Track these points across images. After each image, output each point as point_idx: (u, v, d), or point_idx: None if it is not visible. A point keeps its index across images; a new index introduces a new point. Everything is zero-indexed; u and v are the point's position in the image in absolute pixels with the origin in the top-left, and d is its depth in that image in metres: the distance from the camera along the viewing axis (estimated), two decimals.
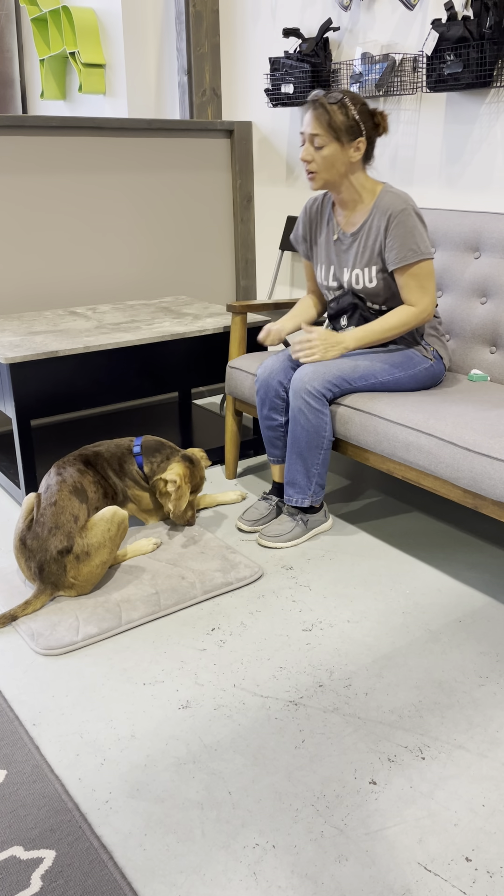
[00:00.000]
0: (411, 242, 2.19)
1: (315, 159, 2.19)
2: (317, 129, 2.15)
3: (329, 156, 2.18)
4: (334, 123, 2.14)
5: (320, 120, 2.14)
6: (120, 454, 2.35)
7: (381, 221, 2.22)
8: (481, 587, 2.13)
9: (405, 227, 2.19)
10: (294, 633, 1.93)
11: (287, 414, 2.38)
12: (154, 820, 1.39)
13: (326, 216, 2.39)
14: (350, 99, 2.15)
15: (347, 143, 2.17)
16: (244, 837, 1.35)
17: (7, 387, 2.49)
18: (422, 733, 1.59)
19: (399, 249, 2.20)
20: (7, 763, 1.51)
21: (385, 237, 2.22)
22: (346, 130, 2.15)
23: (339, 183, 2.24)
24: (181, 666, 1.81)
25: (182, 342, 2.79)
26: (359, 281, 2.31)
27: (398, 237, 2.19)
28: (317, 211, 2.42)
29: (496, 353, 2.48)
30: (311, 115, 2.16)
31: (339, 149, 2.17)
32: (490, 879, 1.26)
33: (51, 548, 1.99)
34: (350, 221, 2.31)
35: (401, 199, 2.21)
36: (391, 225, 2.20)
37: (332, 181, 2.23)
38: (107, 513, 2.07)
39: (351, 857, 1.31)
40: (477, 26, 2.46)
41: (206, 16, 3.61)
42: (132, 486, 2.36)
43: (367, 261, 2.28)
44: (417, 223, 2.21)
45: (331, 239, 2.37)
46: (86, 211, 3.28)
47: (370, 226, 2.26)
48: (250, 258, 3.85)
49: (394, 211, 2.20)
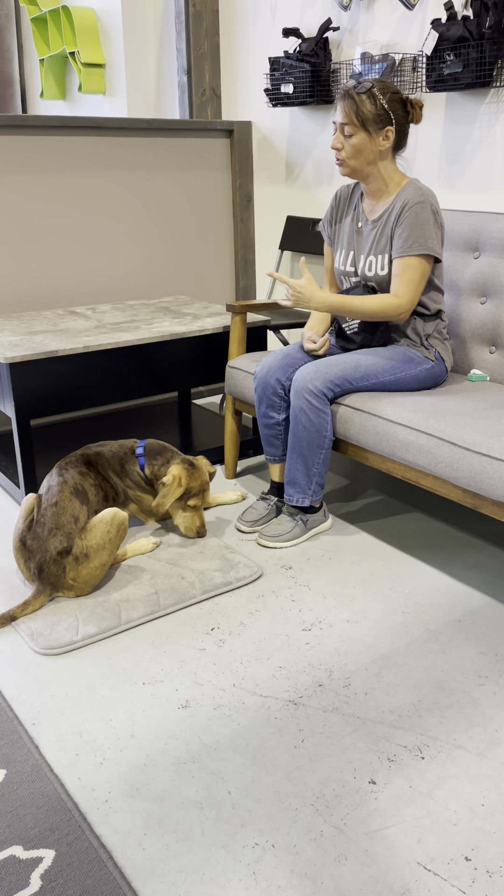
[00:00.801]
0: (418, 234, 2.21)
1: (344, 147, 2.23)
2: (345, 119, 2.19)
3: (357, 144, 2.21)
4: (362, 113, 2.18)
5: (349, 109, 2.18)
6: (122, 454, 2.35)
7: (398, 209, 2.25)
8: (481, 587, 2.13)
9: (417, 218, 2.21)
10: (293, 633, 1.93)
11: (285, 412, 2.38)
12: (153, 819, 1.39)
13: (354, 203, 2.42)
14: (380, 88, 2.18)
15: (375, 132, 2.20)
16: (244, 837, 1.35)
17: (7, 386, 2.49)
18: (421, 733, 1.59)
19: (406, 239, 2.22)
20: (6, 762, 1.51)
21: (396, 223, 2.25)
22: (373, 120, 2.18)
23: (367, 171, 2.27)
24: (181, 665, 1.81)
25: (182, 342, 2.79)
26: (371, 268, 2.32)
27: (408, 226, 2.21)
28: (346, 197, 2.45)
29: (496, 352, 2.48)
30: (341, 105, 2.20)
31: (366, 138, 2.20)
32: (489, 879, 1.26)
33: (50, 548, 1.99)
34: (374, 210, 2.35)
35: (422, 193, 2.23)
36: (404, 212, 2.23)
37: (360, 169, 2.26)
38: (107, 515, 2.07)
39: (350, 856, 1.31)
40: (477, 26, 2.46)
41: (205, 16, 3.61)
42: (133, 487, 2.35)
43: (382, 248, 2.30)
44: (431, 219, 2.22)
45: (354, 226, 2.39)
46: (85, 211, 3.28)
47: (389, 214, 2.28)
48: (250, 258, 3.85)
49: (411, 201, 2.22)
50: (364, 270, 2.35)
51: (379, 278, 2.32)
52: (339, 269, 2.44)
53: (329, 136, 3.28)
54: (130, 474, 2.34)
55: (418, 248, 2.21)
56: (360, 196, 2.41)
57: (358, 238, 2.38)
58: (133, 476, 2.34)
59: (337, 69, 3.10)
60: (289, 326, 3.15)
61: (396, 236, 2.24)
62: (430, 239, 2.21)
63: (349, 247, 2.40)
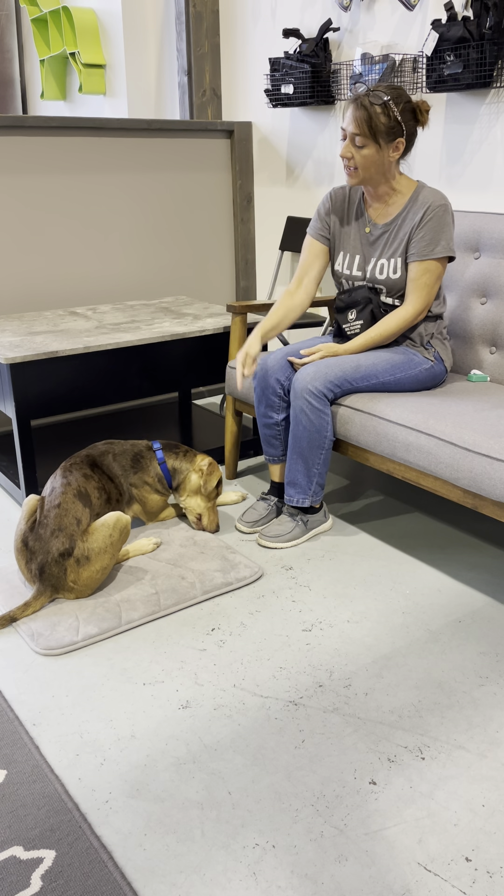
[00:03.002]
0: (441, 237, 2.22)
1: (354, 157, 2.19)
2: (357, 129, 2.15)
3: (368, 155, 2.18)
4: (375, 126, 2.13)
5: (361, 121, 2.13)
6: (136, 452, 2.38)
7: (417, 212, 2.24)
8: (481, 587, 2.13)
9: (440, 221, 2.22)
10: (294, 634, 1.93)
11: (284, 412, 2.38)
12: (154, 820, 1.39)
13: (356, 207, 2.39)
14: (394, 99, 2.14)
15: (386, 144, 2.17)
16: (244, 837, 1.35)
17: (7, 387, 2.49)
18: (422, 733, 1.59)
19: (428, 242, 2.22)
20: (7, 763, 1.51)
21: (417, 226, 2.24)
22: (386, 132, 2.15)
23: (377, 180, 2.25)
24: (181, 666, 1.81)
25: (182, 342, 2.79)
26: (383, 271, 2.32)
27: (431, 229, 2.21)
28: (343, 199, 2.41)
29: (496, 353, 2.48)
30: (353, 115, 2.15)
31: (377, 150, 2.17)
32: (490, 880, 1.26)
33: (52, 549, 1.99)
34: (384, 213, 2.33)
35: (441, 195, 2.24)
36: (427, 215, 2.22)
37: (370, 178, 2.24)
38: (109, 519, 2.07)
39: (351, 857, 1.31)
40: (477, 27, 2.46)
41: (206, 16, 3.61)
42: (141, 486, 2.36)
43: (395, 251, 2.29)
44: (450, 222, 2.24)
45: (361, 230, 2.37)
46: (86, 211, 3.28)
47: (405, 217, 2.27)
48: (250, 258, 3.85)
49: (433, 204, 2.22)
50: (374, 274, 2.34)
51: (391, 282, 2.31)
52: (341, 272, 2.43)
53: (329, 137, 3.28)
54: (145, 471, 2.36)
55: (441, 251, 2.22)
56: (360, 198, 2.40)
57: (367, 242, 2.37)
58: (148, 473, 2.37)
59: (337, 70, 3.11)
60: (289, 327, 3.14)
61: (417, 239, 2.23)
62: (450, 242, 2.24)
63: (356, 251, 2.39)
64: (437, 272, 2.24)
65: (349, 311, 2.39)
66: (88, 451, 2.31)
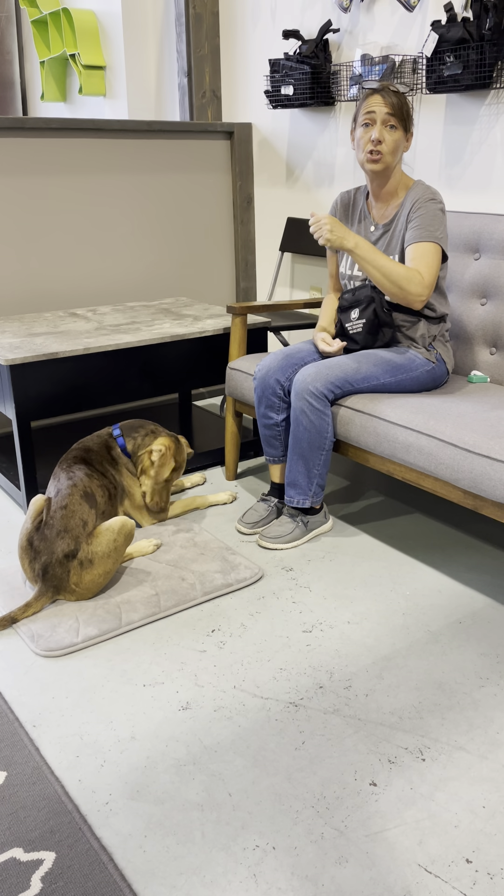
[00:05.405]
0: (430, 225, 2.23)
1: (385, 140, 2.21)
2: (394, 110, 2.19)
3: (397, 140, 2.23)
4: (406, 111, 2.22)
5: (397, 105, 2.19)
6: (103, 442, 2.36)
7: (407, 206, 2.28)
8: (481, 588, 2.13)
9: (429, 211, 2.24)
10: (294, 635, 1.93)
11: (284, 413, 2.39)
12: (154, 821, 1.39)
13: (360, 208, 2.43)
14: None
15: (406, 133, 2.25)
16: (244, 839, 1.35)
17: (7, 388, 2.49)
18: (422, 735, 1.59)
19: (419, 228, 2.23)
20: (7, 765, 1.51)
21: (408, 218, 2.26)
22: (409, 121, 2.24)
23: (392, 170, 2.29)
24: (181, 667, 1.81)
25: (182, 343, 2.79)
26: None
27: (420, 218, 2.24)
28: (349, 202, 2.45)
29: (496, 354, 2.48)
30: (387, 100, 2.19)
31: (402, 136, 2.24)
32: (490, 881, 1.26)
33: (57, 550, 1.99)
34: (384, 214, 2.36)
35: (431, 191, 2.27)
36: (415, 207, 2.25)
37: (390, 165, 2.26)
38: (115, 523, 2.07)
39: (351, 858, 1.30)
40: (477, 28, 2.46)
41: (205, 17, 3.62)
42: (125, 475, 2.36)
43: (392, 249, 2.32)
44: (440, 216, 2.25)
45: (364, 231, 2.40)
46: (86, 213, 3.28)
47: (400, 215, 2.30)
48: (250, 260, 3.85)
49: (422, 198, 2.25)
50: None
51: None
52: (345, 272, 2.44)
53: (329, 138, 3.29)
54: (118, 460, 2.35)
55: (430, 237, 2.23)
56: (364, 200, 2.41)
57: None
58: (121, 461, 2.36)
59: (337, 71, 3.11)
60: (289, 328, 3.15)
61: (410, 228, 2.26)
62: (440, 231, 2.24)
63: None
64: (434, 254, 2.23)
65: (352, 311, 2.39)
66: (74, 452, 2.28)
